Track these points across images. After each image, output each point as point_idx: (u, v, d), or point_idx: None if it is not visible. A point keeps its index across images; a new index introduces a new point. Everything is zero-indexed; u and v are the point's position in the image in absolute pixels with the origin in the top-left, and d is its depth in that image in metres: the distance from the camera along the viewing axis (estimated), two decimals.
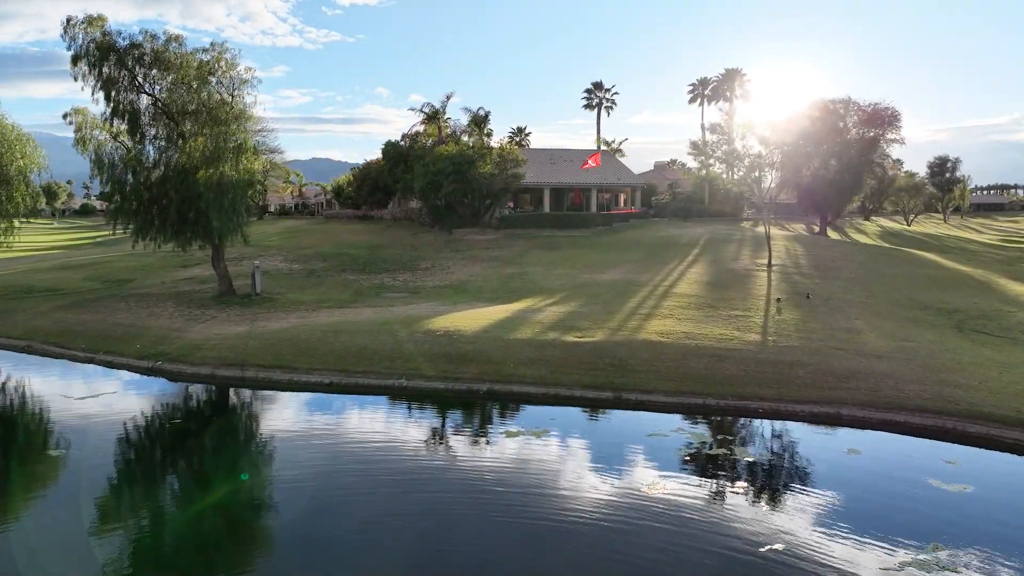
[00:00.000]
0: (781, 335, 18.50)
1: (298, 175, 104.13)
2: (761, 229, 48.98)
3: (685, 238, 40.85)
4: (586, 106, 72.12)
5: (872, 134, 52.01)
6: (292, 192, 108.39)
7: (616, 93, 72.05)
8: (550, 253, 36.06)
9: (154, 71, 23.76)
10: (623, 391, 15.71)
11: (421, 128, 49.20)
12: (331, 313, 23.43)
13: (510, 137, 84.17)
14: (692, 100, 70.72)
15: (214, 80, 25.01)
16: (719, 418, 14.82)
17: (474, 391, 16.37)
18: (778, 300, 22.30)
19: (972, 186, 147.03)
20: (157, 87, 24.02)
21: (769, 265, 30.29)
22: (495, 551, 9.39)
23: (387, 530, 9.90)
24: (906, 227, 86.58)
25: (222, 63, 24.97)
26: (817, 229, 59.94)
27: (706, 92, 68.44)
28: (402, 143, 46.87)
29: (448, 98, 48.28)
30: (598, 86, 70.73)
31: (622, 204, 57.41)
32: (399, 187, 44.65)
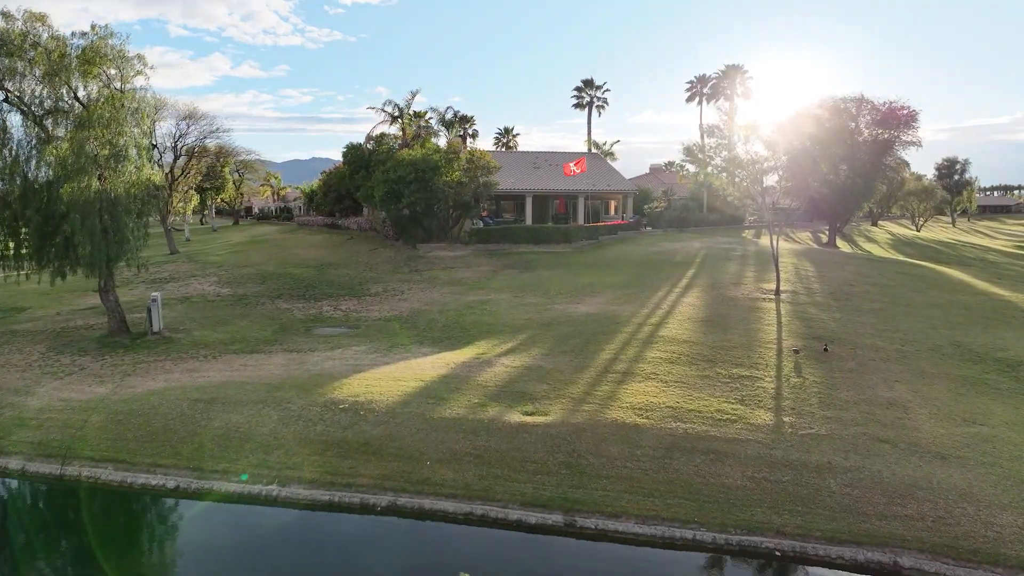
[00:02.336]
0: (801, 412, 13.69)
1: (276, 178, 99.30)
2: (764, 241, 44.23)
3: (680, 254, 36.04)
4: (576, 105, 67.10)
5: (887, 135, 47.31)
6: (273, 195, 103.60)
7: (608, 91, 67.00)
8: (522, 275, 31.19)
9: (9, 59, 18.90)
10: (579, 512, 10.90)
11: (388, 129, 44.33)
12: (230, 364, 18.60)
13: (496, 138, 79.45)
14: (690, 99, 65.68)
15: (96, 71, 20.18)
16: (718, 564, 10.02)
17: (369, 505, 11.56)
18: (795, 352, 17.46)
19: (978, 188, 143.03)
20: (10, 80, 19.15)
21: (777, 293, 25.52)
22: None
23: None
24: (916, 233, 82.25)
25: (104, 50, 20.15)
26: (826, 239, 55.25)
27: (705, 90, 63.37)
28: (367, 145, 42.07)
29: (414, 95, 43.45)
30: (588, 83, 65.71)
31: (612, 212, 52.60)
32: (360, 195, 39.84)
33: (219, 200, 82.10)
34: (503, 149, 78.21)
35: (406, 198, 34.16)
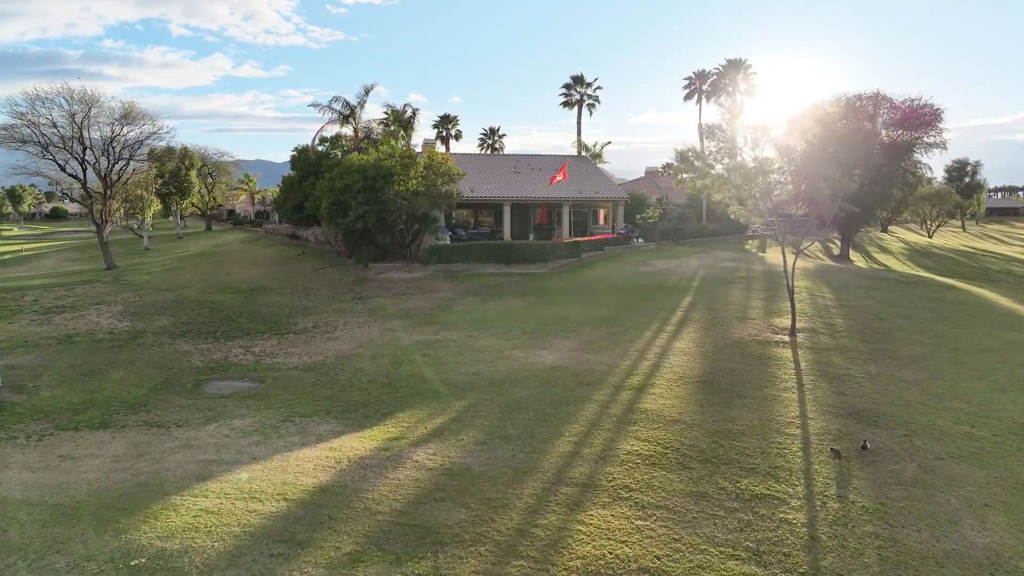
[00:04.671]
0: None
1: (252, 181, 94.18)
2: (771, 256, 39.19)
3: (674, 276, 31.01)
4: (564, 104, 61.94)
5: (909, 137, 42.27)
6: (250, 198, 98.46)
7: (599, 88, 61.93)
8: (484, 304, 26.10)
9: None
10: None
11: (342, 130, 39.16)
12: (46, 455, 13.49)
13: (481, 139, 74.36)
14: (688, 97, 60.62)
15: None
16: None
17: None
18: (835, 455, 12.26)
19: (987, 190, 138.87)
20: None
21: (793, 333, 20.58)
22: None
23: None
24: (929, 240, 77.72)
25: None
26: (837, 250, 50.33)
27: (704, 87, 58.33)
28: (319, 147, 36.96)
29: (368, 91, 38.12)
30: (578, 80, 60.54)
31: (602, 222, 47.54)
32: (308, 205, 34.78)
33: (185, 205, 77.06)
34: (488, 151, 73.18)
35: (353, 211, 29.09)
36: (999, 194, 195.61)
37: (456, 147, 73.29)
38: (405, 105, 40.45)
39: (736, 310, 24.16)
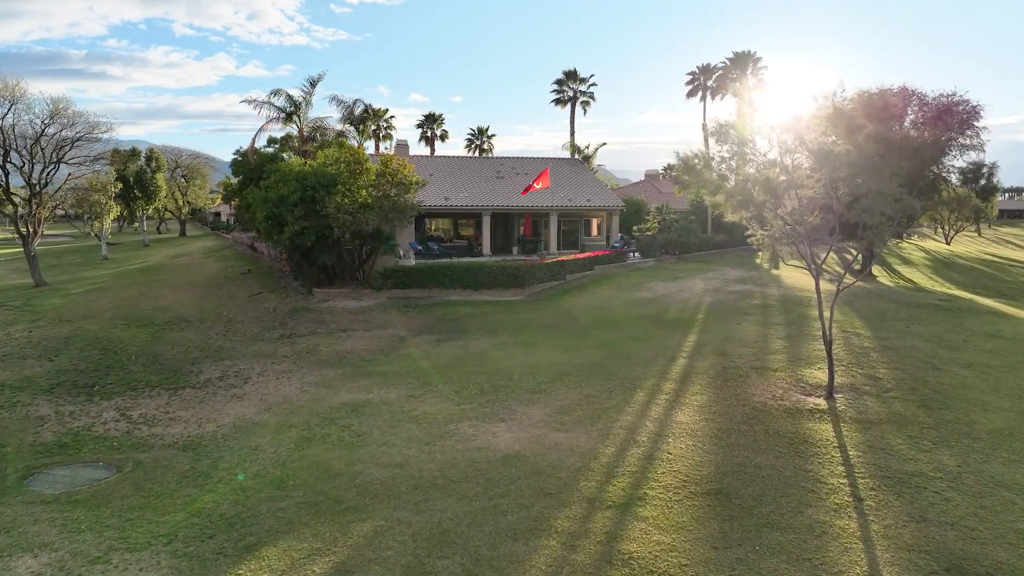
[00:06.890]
0: None
1: (231, 184, 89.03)
2: (786, 275, 34.22)
3: (676, 304, 25.98)
4: (556, 101, 56.82)
5: (945, 137, 37.16)
6: (229, 202, 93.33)
7: (594, 85, 56.79)
8: (439, 347, 21.06)
9: None
10: None
11: (289, 129, 34.07)
12: None
13: (468, 140, 69.26)
14: (691, 94, 55.56)
15: None
16: None
17: None
18: None
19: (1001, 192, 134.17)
20: None
21: (831, 395, 15.69)
22: None
23: None
24: (949, 248, 72.73)
25: None
26: (858, 264, 45.25)
27: (709, 83, 53.25)
28: (269, 149, 31.95)
29: (314, 84, 32.96)
30: (571, 76, 55.37)
31: (595, 232, 42.49)
32: (249, 217, 29.86)
33: (155, 208, 72.22)
34: (476, 152, 68.18)
35: (290, 226, 24.09)
36: (1006, 195, 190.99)
37: (443, 149, 68.40)
38: (356, 100, 35.26)
39: (753, 355, 19.19)
